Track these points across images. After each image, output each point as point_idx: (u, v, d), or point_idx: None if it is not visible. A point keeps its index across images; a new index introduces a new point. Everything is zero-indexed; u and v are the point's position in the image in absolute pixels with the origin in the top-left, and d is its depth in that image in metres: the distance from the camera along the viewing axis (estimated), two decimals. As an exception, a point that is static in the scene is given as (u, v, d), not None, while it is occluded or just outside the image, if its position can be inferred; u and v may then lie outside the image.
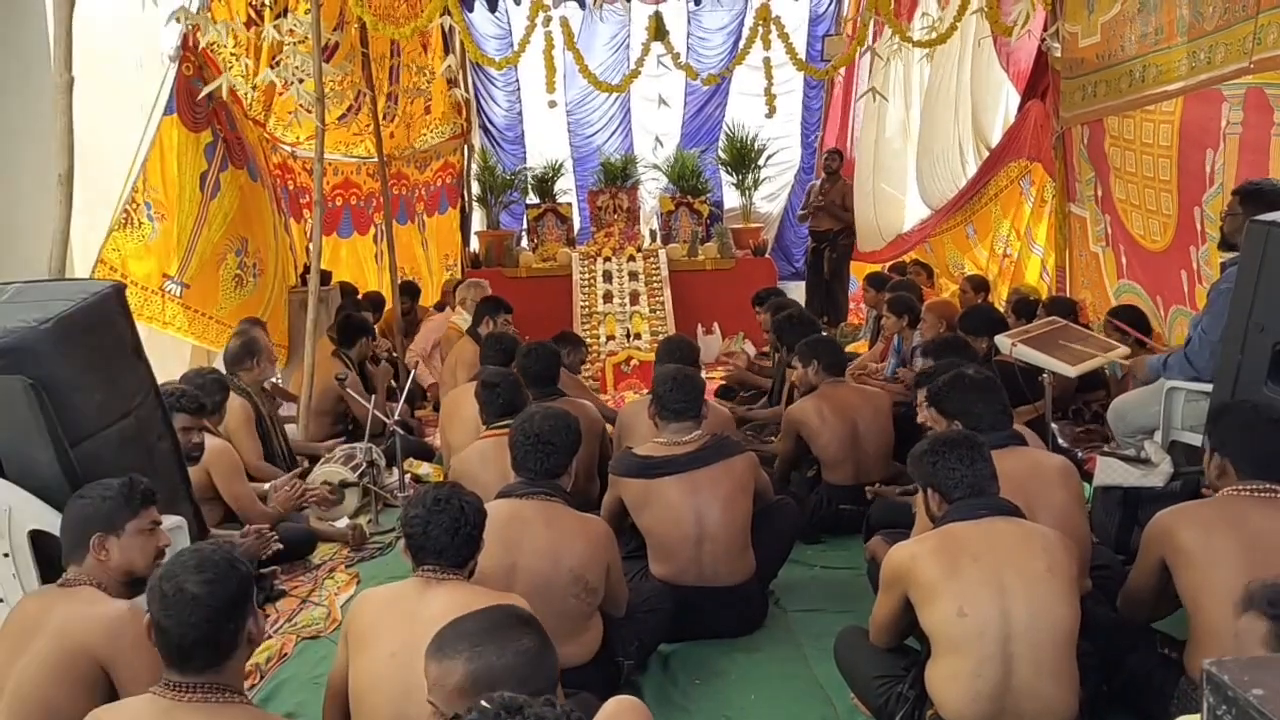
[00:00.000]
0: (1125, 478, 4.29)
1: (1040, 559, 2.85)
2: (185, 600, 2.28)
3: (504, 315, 6.90)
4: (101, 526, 2.96)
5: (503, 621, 2.22)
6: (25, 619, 2.82)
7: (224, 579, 2.33)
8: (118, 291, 3.70)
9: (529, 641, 2.16)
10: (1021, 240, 8.46)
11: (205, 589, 2.29)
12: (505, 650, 2.12)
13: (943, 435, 3.23)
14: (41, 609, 2.81)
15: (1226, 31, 5.18)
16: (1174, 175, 5.89)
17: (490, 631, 2.17)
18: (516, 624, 2.22)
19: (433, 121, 11.12)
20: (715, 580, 3.98)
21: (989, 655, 2.79)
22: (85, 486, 3.05)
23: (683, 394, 4.11)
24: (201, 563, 2.34)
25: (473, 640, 2.15)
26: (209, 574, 2.31)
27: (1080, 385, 6.02)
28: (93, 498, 2.99)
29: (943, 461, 3.03)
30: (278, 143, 8.34)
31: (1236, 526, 2.91)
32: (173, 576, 2.31)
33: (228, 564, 2.37)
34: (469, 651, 2.12)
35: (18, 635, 2.77)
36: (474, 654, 2.12)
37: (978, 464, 3.01)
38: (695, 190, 11.50)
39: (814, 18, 12.22)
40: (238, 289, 7.23)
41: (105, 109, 6.76)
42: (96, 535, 2.94)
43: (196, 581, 2.29)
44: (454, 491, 2.95)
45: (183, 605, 2.27)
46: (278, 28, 7.08)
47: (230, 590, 2.33)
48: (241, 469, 5.03)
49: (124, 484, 3.03)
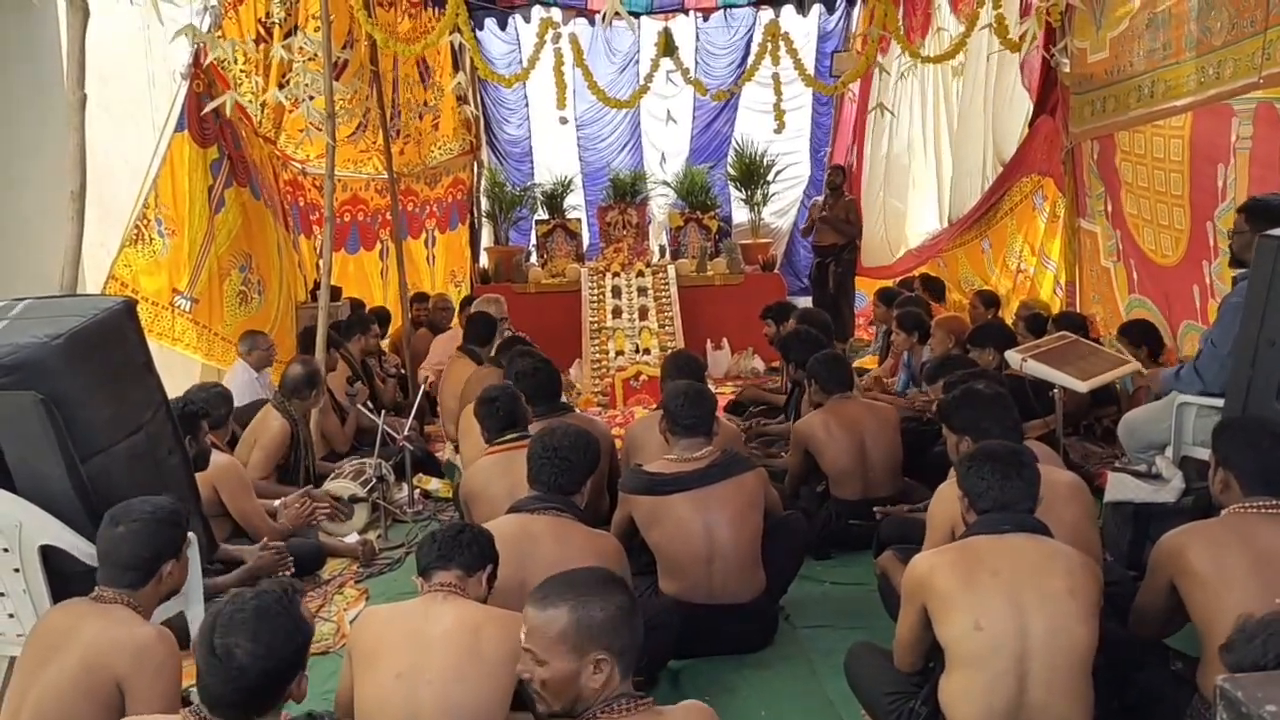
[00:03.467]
0: (1137, 493, 4.28)
1: (1061, 579, 2.83)
2: (231, 666, 2.18)
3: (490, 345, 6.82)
4: (174, 555, 2.99)
5: (603, 578, 2.35)
6: (53, 631, 2.81)
7: (277, 650, 2.22)
8: (129, 307, 3.72)
9: (625, 600, 2.29)
10: (1036, 256, 8.46)
11: (253, 661, 2.18)
12: (607, 603, 2.25)
13: (989, 445, 3.22)
14: (71, 623, 2.81)
15: (1235, 47, 5.18)
16: (1185, 190, 5.88)
17: (593, 585, 2.30)
18: (614, 582, 2.35)
19: (442, 138, 11.15)
20: (726, 597, 3.96)
21: (1004, 671, 2.78)
22: (129, 509, 2.99)
23: (695, 410, 4.10)
24: (259, 628, 2.20)
25: (578, 591, 2.26)
26: (263, 645, 2.19)
27: (1092, 401, 6.00)
28: (162, 523, 2.97)
29: (977, 470, 3.03)
30: (288, 160, 8.37)
31: (1246, 545, 2.90)
32: (227, 633, 2.20)
33: (285, 633, 2.24)
34: (574, 601, 2.24)
35: (44, 648, 2.77)
36: (579, 603, 2.23)
37: (1012, 480, 3.00)
38: (704, 206, 11.52)
39: (823, 33, 12.24)
40: (242, 305, 7.24)
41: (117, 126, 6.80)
42: (171, 563, 2.97)
43: (248, 650, 2.18)
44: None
45: (228, 670, 2.18)
46: (288, 46, 7.12)
47: (281, 662, 2.23)
48: (249, 486, 5.02)
49: (177, 510, 3.05)
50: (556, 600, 2.25)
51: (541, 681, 2.23)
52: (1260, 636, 2.06)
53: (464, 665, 2.75)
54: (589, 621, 2.21)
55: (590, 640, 2.20)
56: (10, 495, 3.22)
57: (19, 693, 2.75)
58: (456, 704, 2.73)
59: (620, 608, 2.26)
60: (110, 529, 2.95)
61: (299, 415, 5.67)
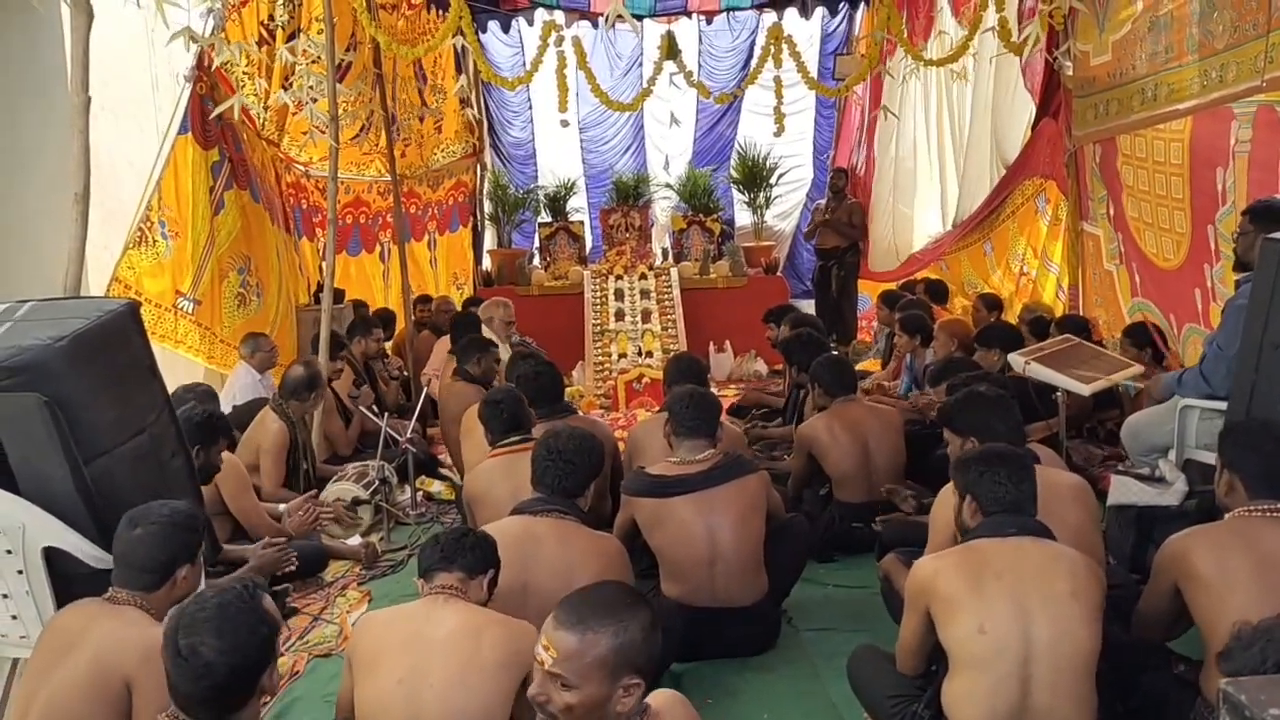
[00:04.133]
0: (1140, 496, 4.27)
1: (1065, 582, 2.83)
2: (198, 665, 2.20)
3: (491, 353, 6.76)
4: (190, 559, 2.98)
5: (632, 597, 2.25)
6: (65, 631, 2.82)
7: (241, 647, 2.23)
8: (132, 309, 3.71)
9: (650, 616, 2.19)
10: (1038, 259, 8.45)
11: (219, 657, 2.20)
12: (643, 624, 2.15)
13: (998, 448, 3.22)
14: (83, 624, 2.81)
15: (1237, 50, 5.18)
16: (1186, 193, 5.88)
17: (628, 606, 2.19)
18: (641, 600, 2.26)
19: (445, 141, 11.16)
20: (728, 601, 3.96)
21: (1007, 675, 2.78)
22: (147, 511, 3.00)
23: (699, 413, 4.10)
24: (222, 625, 2.22)
25: (618, 615, 2.15)
26: (227, 641, 2.21)
27: (1095, 404, 6.00)
28: (180, 527, 2.98)
29: (992, 474, 3.02)
30: (292, 162, 8.38)
31: (1250, 548, 2.90)
32: (190, 632, 2.22)
33: (247, 629, 2.26)
34: (616, 625, 2.12)
35: (55, 648, 2.78)
36: (620, 628, 2.12)
37: (1024, 483, 3.00)
38: (707, 208, 11.53)
39: (825, 36, 12.24)
40: (240, 308, 7.25)
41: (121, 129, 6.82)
42: (186, 567, 2.97)
43: (213, 647, 2.20)
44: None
45: (195, 669, 2.20)
46: (291, 49, 7.13)
47: (247, 659, 2.25)
48: (249, 483, 5.02)
49: (194, 514, 3.05)
50: (596, 625, 2.12)
51: (567, 707, 2.09)
52: (1258, 644, 2.05)
53: (466, 670, 2.75)
54: (630, 645, 2.12)
55: (627, 664, 2.11)
56: (13, 497, 3.22)
57: (29, 692, 2.75)
58: (459, 709, 2.72)
59: (648, 626, 2.17)
60: (128, 531, 2.95)
61: (297, 417, 5.65)
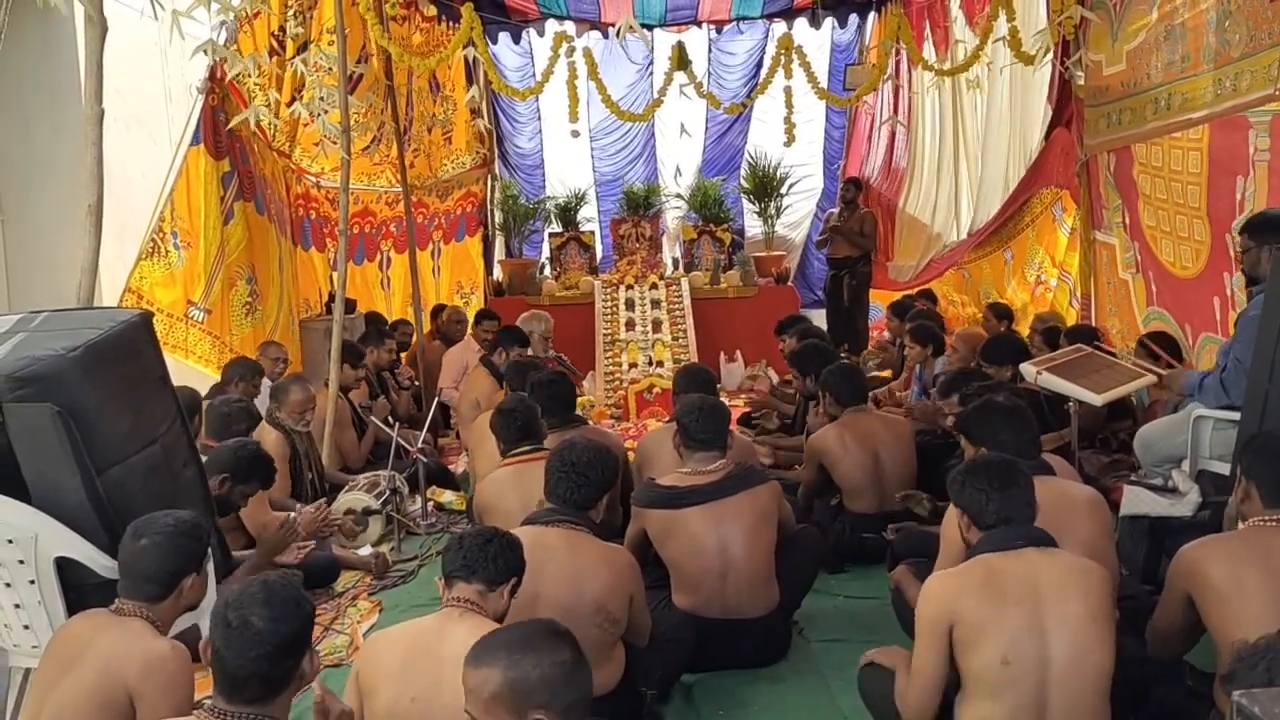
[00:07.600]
0: (1153, 507, 4.25)
1: (1080, 602, 2.81)
2: (249, 634, 2.29)
3: (519, 348, 6.90)
4: (195, 569, 2.99)
5: (541, 633, 2.28)
6: (73, 642, 2.83)
7: (289, 617, 2.34)
8: (145, 320, 3.73)
9: (566, 654, 2.21)
10: (1057, 268, 8.43)
11: (270, 625, 2.30)
12: (542, 661, 2.17)
13: (981, 459, 3.20)
14: (89, 635, 2.83)
15: (1252, 59, 5.16)
16: (1203, 202, 5.85)
17: (529, 641, 2.22)
18: (554, 636, 2.27)
19: (454, 152, 11.17)
20: (740, 612, 3.95)
21: (1025, 703, 2.76)
22: (151, 522, 3.00)
23: (709, 424, 4.09)
24: (270, 598, 2.34)
25: (511, 650, 2.20)
26: (275, 611, 2.32)
27: (1107, 414, 5.97)
28: (184, 537, 2.98)
29: (973, 484, 3.00)
30: (303, 174, 8.40)
31: (1264, 559, 2.88)
32: (240, 607, 2.32)
33: (294, 602, 2.38)
34: (507, 660, 2.17)
35: (62, 658, 2.79)
36: (511, 663, 2.16)
37: (1010, 490, 2.97)
38: (717, 218, 11.52)
39: (836, 46, 12.24)
40: (248, 316, 7.29)
41: (133, 140, 6.85)
42: (192, 577, 2.98)
43: (263, 616, 2.30)
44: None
45: (246, 639, 2.29)
46: (304, 61, 7.16)
47: (293, 629, 2.35)
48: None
49: (199, 524, 3.06)
50: (489, 660, 2.20)
51: None
52: (1262, 663, 2.04)
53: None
54: (523, 682, 2.15)
55: (526, 700, 2.13)
56: (26, 507, 3.24)
57: (37, 701, 2.77)
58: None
59: (560, 664, 2.18)
60: (133, 542, 2.96)
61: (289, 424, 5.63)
